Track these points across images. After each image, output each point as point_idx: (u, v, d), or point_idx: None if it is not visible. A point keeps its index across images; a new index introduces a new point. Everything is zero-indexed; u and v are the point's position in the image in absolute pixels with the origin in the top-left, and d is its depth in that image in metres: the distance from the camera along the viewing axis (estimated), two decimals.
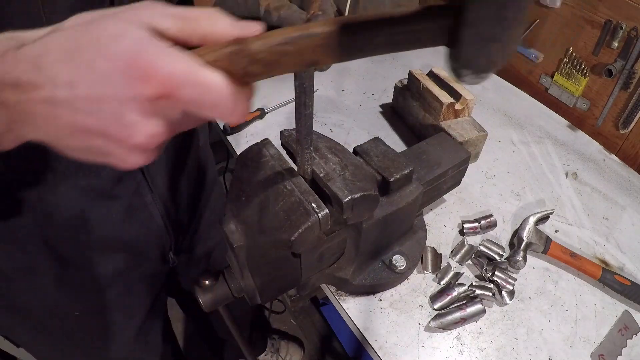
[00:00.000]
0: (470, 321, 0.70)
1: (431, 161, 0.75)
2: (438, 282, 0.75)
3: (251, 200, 0.52)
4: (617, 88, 1.01)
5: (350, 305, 0.72)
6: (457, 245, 0.80)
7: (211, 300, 0.61)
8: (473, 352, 0.67)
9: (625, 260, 0.82)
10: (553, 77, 1.17)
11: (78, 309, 0.70)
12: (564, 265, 0.79)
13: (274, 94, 1.18)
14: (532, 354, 0.68)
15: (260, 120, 1.10)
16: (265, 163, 0.54)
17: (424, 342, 0.68)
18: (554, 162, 1.02)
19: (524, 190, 0.94)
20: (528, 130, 1.11)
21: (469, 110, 0.97)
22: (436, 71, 1.02)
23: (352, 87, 1.24)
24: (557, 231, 0.86)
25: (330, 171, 0.53)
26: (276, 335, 1.68)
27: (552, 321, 0.72)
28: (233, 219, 0.53)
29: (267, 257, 0.55)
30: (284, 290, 0.66)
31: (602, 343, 0.69)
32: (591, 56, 1.05)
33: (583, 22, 1.04)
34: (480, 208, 0.90)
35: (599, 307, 0.74)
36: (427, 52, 1.44)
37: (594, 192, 0.95)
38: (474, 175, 0.96)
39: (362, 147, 0.67)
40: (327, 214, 0.48)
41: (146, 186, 0.67)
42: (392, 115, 1.14)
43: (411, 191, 0.67)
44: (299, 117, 0.43)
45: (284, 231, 0.48)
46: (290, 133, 0.58)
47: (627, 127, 1.03)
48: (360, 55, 0.30)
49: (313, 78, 0.40)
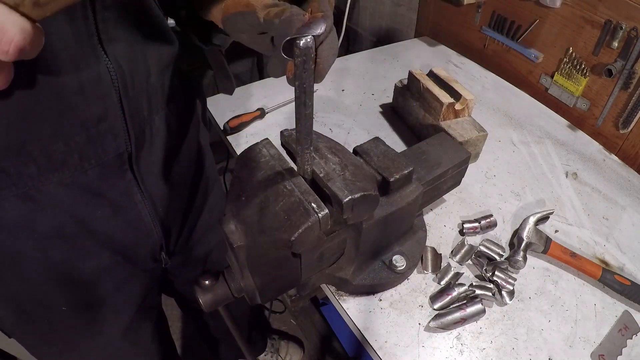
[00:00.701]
0: (470, 321, 0.70)
1: (431, 161, 0.75)
2: (438, 282, 0.75)
3: (251, 200, 0.52)
4: (617, 88, 1.01)
5: (350, 305, 0.72)
6: (457, 245, 0.80)
7: (211, 300, 0.61)
8: (473, 352, 0.67)
9: (625, 260, 0.82)
10: (553, 77, 1.17)
11: (65, 303, 0.70)
12: (564, 265, 0.79)
13: (274, 94, 1.18)
14: (532, 354, 0.68)
15: (260, 120, 1.10)
16: (265, 163, 0.54)
17: (424, 342, 0.68)
18: (554, 162, 1.02)
19: (524, 190, 0.94)
20: (528, 130, 1.11)
21: (469, 110, 0.97)
22: (436, 71, 1.02)
23: (352, 87, 1.24)
24: (557, 231, 0.86)
25: (330, 171, 0.53)
26: (276, 335, 1.68)
27: (552, 321, 0.72)
28: (233, 219, 0.53)
29: (267, 257, 0.55)
30: (284, 290, 0.66)
31: (602, 343, 0.69)
32: (591, 56, 1.05)
33: (583, 22, 1.04)
34: (480, 208, 0.90)
35: (599, 307, 0.74)
36: (427, 52, 1.45)
37: (594, 192, 0.95)
38: (474, 175, 0.96)
39: (362, 147, 0.67)
40: (327, 214, 0.48)
41: (136, 185, 0.66)
42: (392, 115, 1.14)
43: (411, 191, 0.67)
44: (299, 117, 0.43)
45: (284, 231, 0.48)
46: (290, 133, 0.58)
47: (627, 127, 1.03)
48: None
49: (313, 78, 0.40)
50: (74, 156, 0.56)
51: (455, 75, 1.30)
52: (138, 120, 0.62)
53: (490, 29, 1.30)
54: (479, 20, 1.33)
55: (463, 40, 1.42)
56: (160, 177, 0.71)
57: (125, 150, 0.62)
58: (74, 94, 0.52)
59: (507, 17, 1.23)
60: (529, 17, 1.17)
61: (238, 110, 1.12)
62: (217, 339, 1.34)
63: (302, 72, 0.39)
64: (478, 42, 1.37)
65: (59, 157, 0.55)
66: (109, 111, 0.57)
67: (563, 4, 1.07)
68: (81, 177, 0.59)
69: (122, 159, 0.62)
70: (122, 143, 0.61)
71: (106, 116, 0.57)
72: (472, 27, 1.37)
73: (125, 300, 0.80)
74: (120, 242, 0.70)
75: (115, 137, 0.59)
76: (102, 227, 0.66)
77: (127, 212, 0.68)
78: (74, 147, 0.55)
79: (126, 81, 0.57)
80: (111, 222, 0.67)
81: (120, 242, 0.70)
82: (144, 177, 0.67)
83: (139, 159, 0.65)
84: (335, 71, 1.27)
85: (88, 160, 0.58)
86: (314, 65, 0.39)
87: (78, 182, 0.59)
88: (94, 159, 0.59)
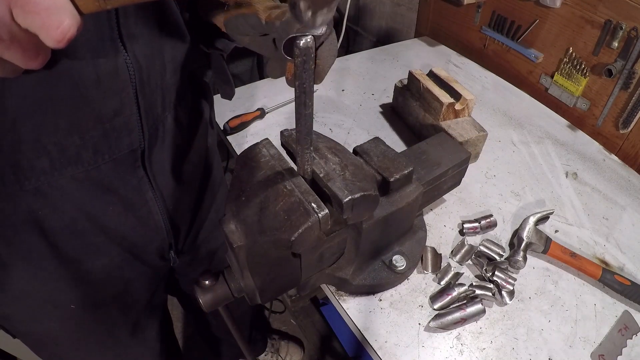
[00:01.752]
0: (470, 321, 0.70)
1: (431, 161, 0.75)
2: (438, 282, 0.75)
3: (251, 200, 0.52)
4: (617, 88, 1.01)
5: (350, 305, 0.72)
6: (457, 245, 0.80)
7: (211, 300, 0.61)
8: (473, 352, 0.67)
9: (625, 260, 0.82)
10: (553, 77, 1.17)
11: (74, 301, 0.70)
12: (564, 265, 0.79)
13: (274, 94, 1.18)
14: (532, 354, 0.68)
15: (260, 120, 1.10)
16: (265, 163, 0.54)
17: (424, 342, 0.68)
18: (554, 162, 1.02)
19: (524, 190, 0.94)
20: (528, 130, 1.11)
21: (469, 110, 0.97)
22: (436, 71, 1.02)
23: (352, 87, 1.24)
24: (557, 231, 0.86)
25: (330, 171, 0.53)
26: (276, 335, 1.68)
27: (552, 321, 0.72)
28: (233, 219, 0.53)
29: (267, 257, 0.55)
30: (284, 290, 0.66)
31: (602, 343, 0.69)
32: (591, 56, 1.05)
33: (583, 22, 1.04)
34: (480, 208, 0.90)
35: (599, 307, 0.74)
36: (427, 52, 1.45)
37: (594, 192, 0.95)
38: (474, 175, 0.96)
39: (362, 147, 0.67)
40: (327, 214, 0.48)
41: (147, 183, 0.66)
42: (392, 115, 1.14)
43: (411, 191, 0.67)
44: (299, 117, 0.43)
45: (284, 231, 0.48)
46: (290, 133, 0.58)
47: (627, 127, 1.03)
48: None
49: (313, 78, 0.40)
50: (89, 151, 0.56)
51: (455, 75, 1.30)
52: (152, 116, 0.62)
53: (490, 29, 1.30)
54: (479, 20, 1.33)
55: (463, 40, 1.42)
56: (171, 175, 0.71)
57: (138, 147, 0.62)
58: (91, 87, 0.52)
59: (507, 17, 1.23)
60: (529, 17, 1.17)
61: (238, 110, 1.12)
62: (218, 338, 1.34)
63: (302, 72, 0.39)
64: (478, 42, 1.37)
65: (73, 151, 0.54)
66: (125, 106, 0.57)
67: (563, 4, 1.07)
68: (94, 172, 0.59)
69: (135, 155, 0.62)
70: (136, 139, 0.61)
71: (122, 111, 0.57)
72: (472, 27, 1.37)
73: (133, 299, 0.80)
74: (131, 240, 0.70)
75: (130, 132, 0.59)
76: (113, 224, 0.66)
77: (138, 209, 0.68)
78: (88, 142, 0.55)
79: (143, 77, 0.57)
80: (122, 219, 0.67)
81: (130, 240, 0.70)
82: (155, 174, 0.67)
83: (151, 156, 0.65)
84: (335, 71, 1.27)
85: (102, 155, 0.58)
86: (314, 65, 0.39)
87: (91, 177, 0.59)
88: (107, 154, 0.58)
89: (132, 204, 0.66)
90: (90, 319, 0.76)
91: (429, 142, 0.81)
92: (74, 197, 0.59)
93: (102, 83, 0.52)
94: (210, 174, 0.89)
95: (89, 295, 0.71)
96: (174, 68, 0.65)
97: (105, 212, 0.64)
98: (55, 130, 0.52)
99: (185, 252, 0.88)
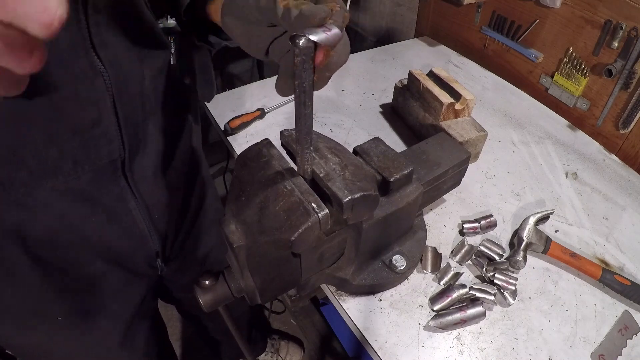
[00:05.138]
0: (470, 323, 0.70)
1: (431, 161, 0.75)
2: (438, 282, 0.75)
3: (251, 200, 0.52)
4: (617, 88, 1.01)
5: (350, 305, 0.72)
6: (457, 245, 0.80)
7: (211, 300, 0.61)
8: (473, 352, 0.67)
9: (625, 260, 0.82)
10: (553, 77, 1.17)
11: (61, 312, 0.69)
12: (564, 265, 0.79)
13: (274, 94, 1.17)
14: (532, 354, 0.68)
15: (260, 120, 1.10)
16: (265, 163, 0.54)
17: (424, 342, 0.68)
18: (554, 162, 1.02)
19: (524, 190, 0.94)
20: (528, 130, 1.11)
21: (469, 110, 0.97)
22: (436, 71, 1.02)
23: (352, 87, 1.24)
24: (557, 231, 0.86)
25: (330, 171, 0.53)
26: (276, 335, 1.68)
27: (552, 321, 0.72)
28: (233, 219, 0.53)
29: (267, 257, 0.55)
30: (284, 290, 0.66)
31: (602, 343, 0.69)
32: (591, 56, 1.05)
33: (583, 22, 1.04)
34: (480, 208, 0.90)
35: (599, 307, 0.74)
36: (427, 52, 1.45)
37: (594, 192, 0.95)
38: (474, 175, 0.96)
39: (362, 147, 0.67)
40: (327, 214, 0.48)
41: (129, 192, 0.65)
42: (392, 115, 1.14)
43: (411, 191, 0.67)
44: (299, 117, 0.43)
45: (284, 231, 0.48)
46: (290, 133, 0.58)
47: (627, 127, 1.03)
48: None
49: (313, 78, 0.40)
50: (68, 162, 0.55)
51: (455, 75, 1.29)
52: (132, 125, 0.61)
53: (490, 29, 1.30)
54: (479, 20, 1.33)
55: (463, 40, 1.42)
56: (154, 183, 0.70)
57: (118, 157, 0.61)
58: (67, 99, 0.51)
59: (507, 17, 1.23)
60: (529, 17, 1.17)
61: (238, 110, 1.12)
62: (217, 340, 1.34)
63: (302, 72, 0.38)
64: (478, 42, 1.37)
65: (52, 162, 0.54)
66: (103, 116, 0.56)
67: (563, 4, 1.07)
68: (74, 183, 0.58)
69: (115, 165, 0.61)
70: (115, 148, 0.60)
71: (100, 121, 0.56)
72: (472, 27, 1.37)
73: (121, 308, 0.80)
74: (116, 249, 0.70)
75: (109, 142, 0.58)
76: (96, 234, 0.65)
77: (121, 219, 0.67)
78: (67, 153, 0.54)
79: (120, 85, 0.56)
80: (106, 229, 0.66)
81: (115, 249, 0.70)
82: (137, 182, 0.66)
83: (132, 165, 0.64)
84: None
85: (82, 166, 0.57)
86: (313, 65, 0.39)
87: (71, 188, 0.58)
88: (87, 165, 0.58)
89: (115, 213, 0.65)
90: (78, 329, 0.75)
91: (429, 142, 0.80)
92: (55, 209, 0.58)
93: (77, 93, 0.52)
94: (196, 177, 0.88)
95: (75, 306, 0.71)
96: (153, 74, 0.64)
97: (87, 222, 0.63)
98: (33, 142, 0.51)
99: (173, 259, 0.87)
